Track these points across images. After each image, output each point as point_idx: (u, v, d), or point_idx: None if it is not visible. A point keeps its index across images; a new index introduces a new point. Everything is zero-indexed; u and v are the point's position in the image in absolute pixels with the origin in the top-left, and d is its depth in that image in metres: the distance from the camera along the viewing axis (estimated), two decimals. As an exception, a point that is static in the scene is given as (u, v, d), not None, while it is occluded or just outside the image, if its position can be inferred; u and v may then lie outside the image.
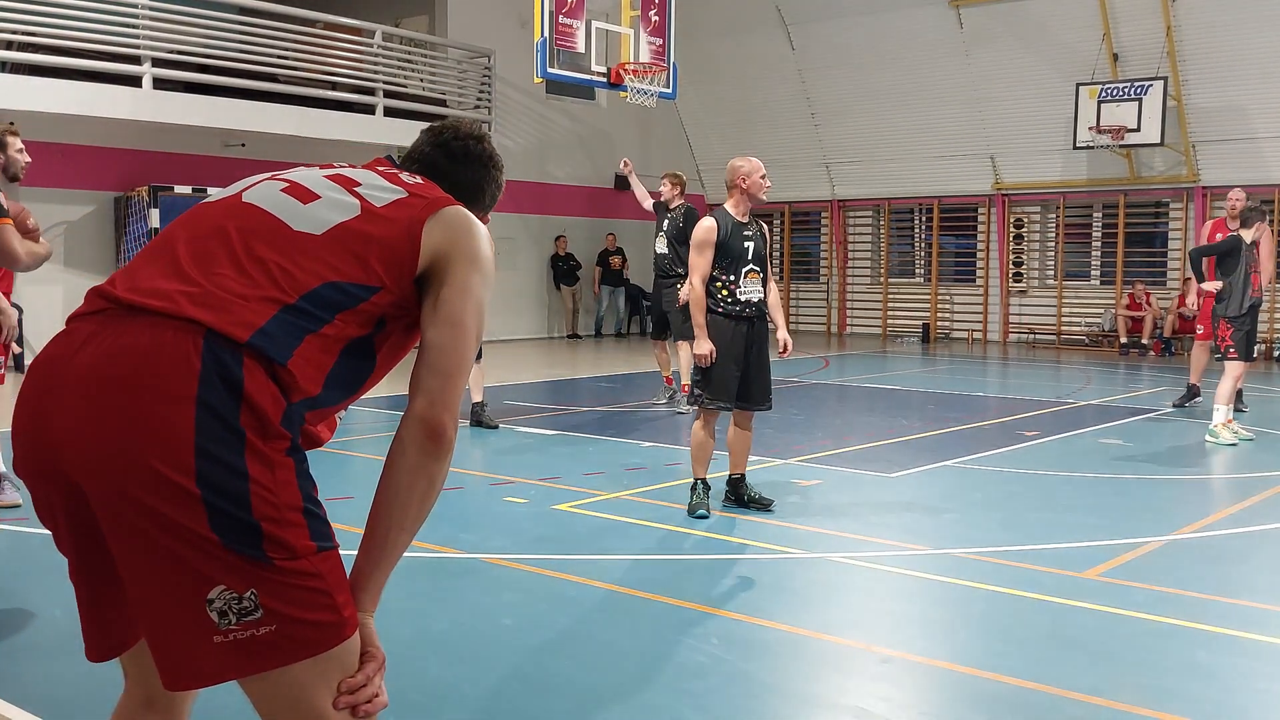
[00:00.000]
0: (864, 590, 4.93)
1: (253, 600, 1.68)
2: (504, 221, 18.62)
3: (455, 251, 1.95)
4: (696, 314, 5.98)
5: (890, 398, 11.77)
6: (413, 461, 1.85)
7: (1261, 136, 16.72)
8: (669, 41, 13.15)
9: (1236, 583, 4.97)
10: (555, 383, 13.33)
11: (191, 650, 1.70)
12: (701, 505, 5.99)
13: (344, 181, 2.00)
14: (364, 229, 1.91)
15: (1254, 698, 3.63)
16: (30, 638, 4.14)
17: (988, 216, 19.79)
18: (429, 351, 1.90)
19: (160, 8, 13.41)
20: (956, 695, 3.68)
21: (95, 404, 1.68)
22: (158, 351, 1.69)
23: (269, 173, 2.08)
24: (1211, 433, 8.67)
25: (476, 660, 3.91)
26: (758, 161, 6.14)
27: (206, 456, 1.65)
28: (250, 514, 1.67)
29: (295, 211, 1.92)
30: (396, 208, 1.95)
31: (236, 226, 1.88)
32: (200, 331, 1.71)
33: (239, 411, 1.69)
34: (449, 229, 1.96)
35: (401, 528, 1.87)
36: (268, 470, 1.70)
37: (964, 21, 18.43)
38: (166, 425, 1.65)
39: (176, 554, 1.66)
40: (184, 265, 1.82)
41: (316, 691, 1.76)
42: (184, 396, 1.66)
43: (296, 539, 1.72)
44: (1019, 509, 6.42)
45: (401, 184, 2.02)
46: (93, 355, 1.72)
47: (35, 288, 13.99)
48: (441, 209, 1.98)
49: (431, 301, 1.92)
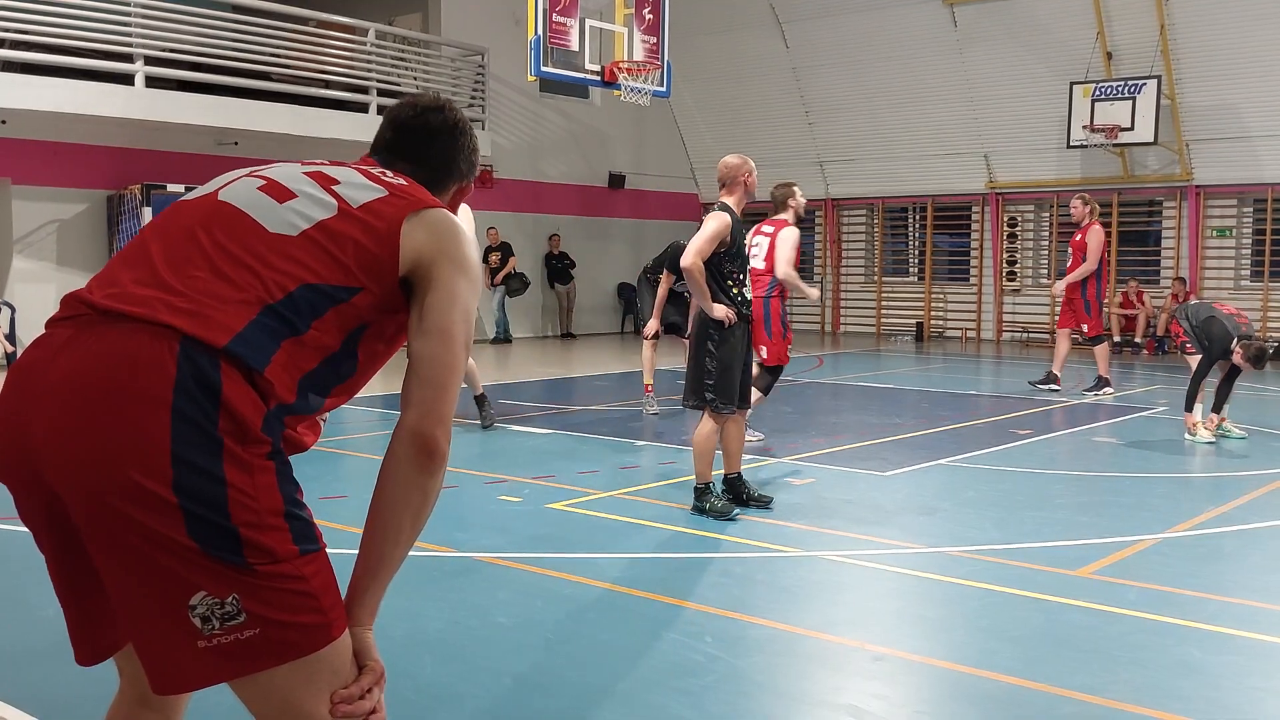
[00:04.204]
0: (858, 588, 4.94)
1: (235, 605, 1.67)
2: (498, 220, 18.61)
3: (439, 256, 1.89)
4: (702, 284, 5.96)
5: (884, 396, 11.78)
6: (406, 476, 1.83)
7: (1255, 135, 16.76)
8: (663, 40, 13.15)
9: (1229, 581, 4.99)
10: (549, 382, 13.33)
11: (176, 656, 1.69)
12: (729, 506, 5.98)
13: (322, 179, 1.95)
14: (340, 229, 1.86)
15: (1246, 695, 3.64)
16: (27, 638, 4.13)
17: (981, 215, 19.82)
18: (417, 363, 1.86)
19: (153, 6, 13.39)
20: (950, 693, 3.69)
21: (72, 412, 1.67)
22: (134, 358, 1.67)
23: (248, 169, 2.04)
24: (1190, 430, 8.75)
25: (471, 659, 3.91)
26: (750, 160, 6.21)
27: (183, 464, 1.64)
28: (228, 520, 1.66)
29: (271, 211, 1.87)
30: (375, 207, 1.90)
31: (212, 228, 1.85)
32: (176, 337, 1.69)
33: (217, 418, 1.67)
34: (431, 232, 1.91)
35: (396, 542, 1.86)
36: (246, 475, 1.68)
37: (958, 20, 18.45)
38: (143, 433, 1.64)
39: (156, 562, 1.65)
40: (160, 269, 1.79)
41: (306, 695, 1.75)
42: (160, 403, 1.65)
43: (278, 544, 1.70)
44: (1012, 507, 6.43)
45: (382, 183, 1.97)
46: (69, 362, 1.70)
47: (27, 286, 13.97)
48: (422, 210, 1.93)
49: (417, 310, 1.88)
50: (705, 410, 6.05)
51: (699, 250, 5.94)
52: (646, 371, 10.11)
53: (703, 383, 6.02)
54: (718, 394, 5.98)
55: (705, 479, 6.04)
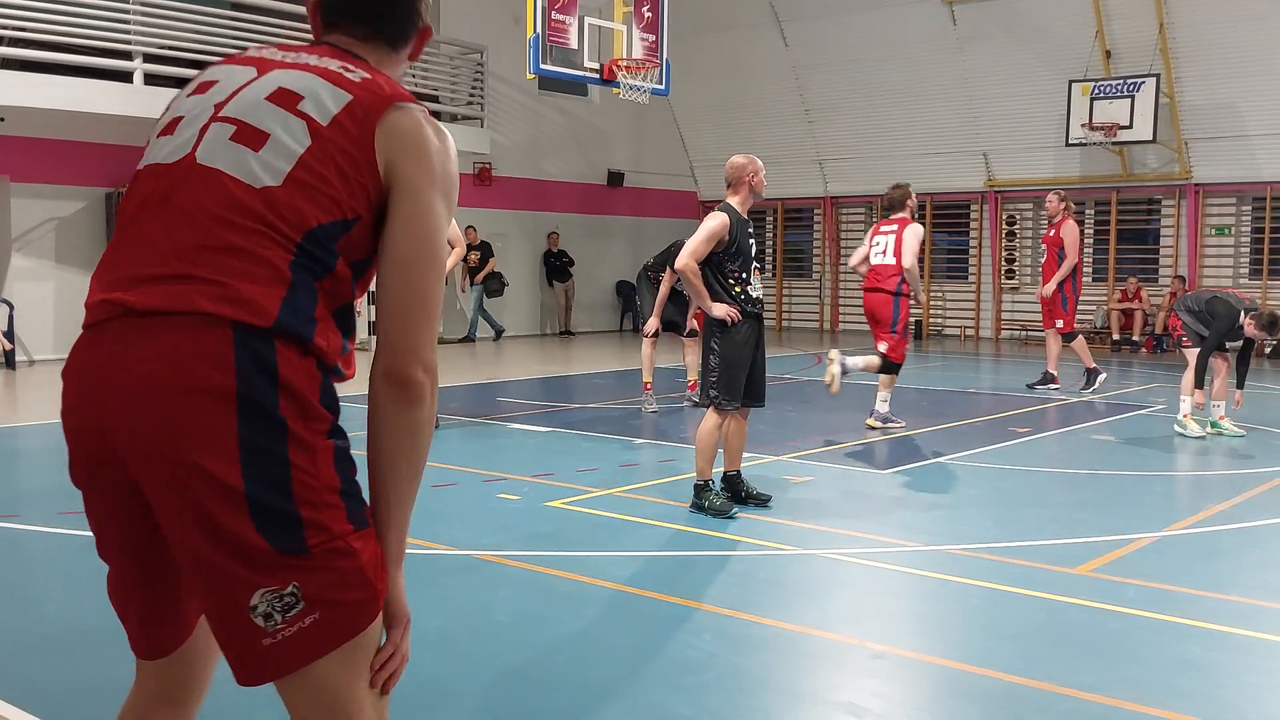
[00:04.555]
0: (856, 586, 4.94)
1: (295, 594, 1.71)
2: (497, 218, 18.61)
3: (405, 168, 1.82)
4: (697, 284, 5.99)
5: (883, 394, 11.76)
6: (389, 417, 1.80)
7: (1253, 134, 16.76)
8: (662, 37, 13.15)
9: (1228, 578, 4.99)
10: (548, 379, 13.33)
11: (246, 654, 1.75)
12: (728, 504, 5.99)
13: (288, 100, 1.84)
14: (321, 163, 1.79)
15: (1245, 693, 3.65)
16: (28, 637, 4.13)
17: (980, 213, 19.82)
18: (384, 296, 1.81)
19: (152, 3, 13.37)
20: (949, 691, 3.69)
21: (147, 413, 1.70)
22: (195, 353, 1.70)
23: (207, 94, 1.91)
24: (1180, 424, 8.82)
25: (470, 657, 3.91)
26: (758, 160, 6.20)
27: (250, 448, 1.68)
28: (292, 503, 1.70)
29: (252, 165, 1.80)
30: (344, 122, 1.82)
31: (204, 199, 1.80)
32: (227, 324, 1.71)
33: (278, 399, 1.71)
34: (400, 142, 1.83)
35: (397, 482, 1.84)
36: (308, 455, 1.72)
37: (957, 18, 18.45)
38: (212, 425, 1.68)
39: (217, 564, 1.70)
40: (178, 252, 1.77)
41: (346, 678, 1.79)
42: (225, 394, 1.68)
43: (334, 521, 1.74)
44: (1011, 505, 6.43)
45: (346, 82, 1.86)
46: (130, 365, 1.72)
47: (26, 284, 13.96)
48: (389, 113, 1.83)
49: (384, 237, 1.82)
50: (710, 407, 6.09)
51: (693, 251, 5.96)
52: (646, 369, 10.11)
53: (707, 379, 6.10)
54: (720, 390, 6.02)
55: (705, 476, 6.04)
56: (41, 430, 8.94)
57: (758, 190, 6.14)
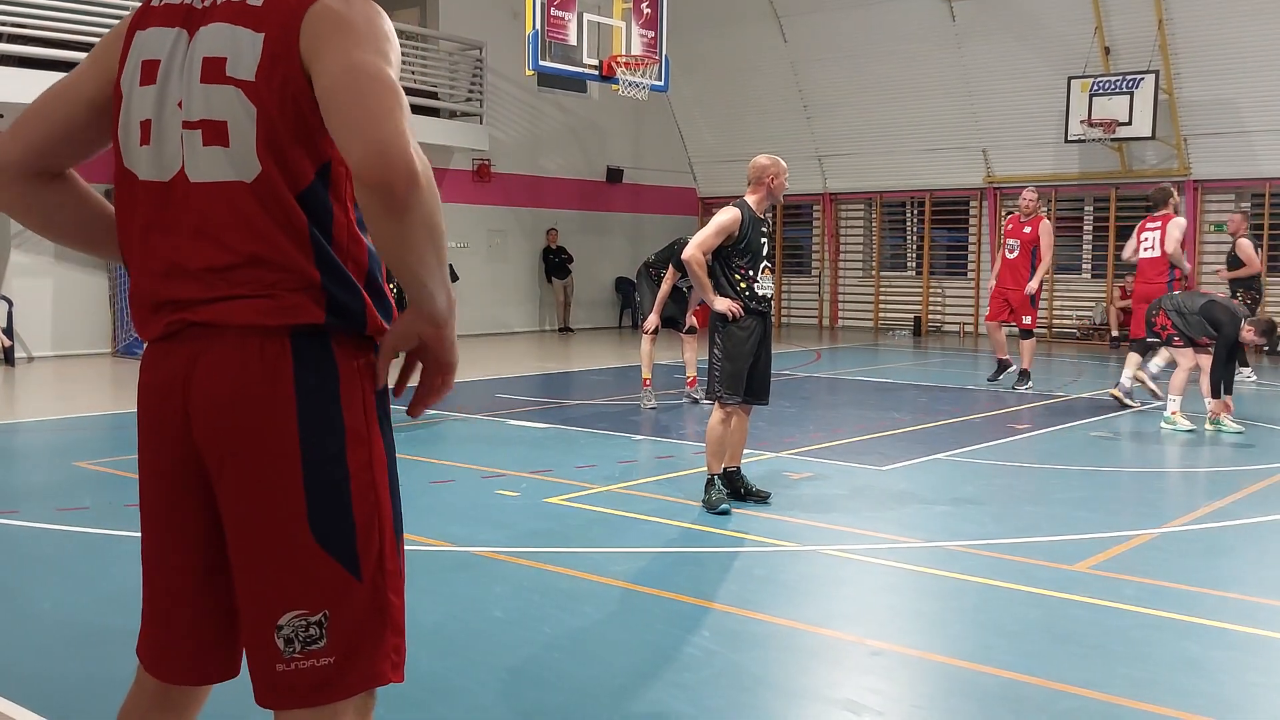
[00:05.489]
0: (856, 583, 4.93)
1: (320, 626, 1.73)
2: (495, 214, 18.60)
3: (322, 37, 1.72)
4: (702, 275, 5.98)
5: (882, 391, 11.78)
6: (387, 230, 1.64)
7: (1252, 130, 16.75)
8: (661, 34, 13.14)
9: (1228, 576, 4.99)
10: (547, 376, 13.32)
11: (259, 672, 1.78)
12: (722, 500, 5.99)
13: (217, 74, 1.76)
14: (269, 126, 1.73)
15: (1245, 690, 3.64)
16: (28, 635, 4.12)
17: (979, 209, 19.81)
18: (332, 106, 1.66)
19: (150, -1, 13.34)
20: (948, 688, 3.68)
21: (217, 424, 1.75)
22: (257, 366, 1.74)
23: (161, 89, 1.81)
24: (1168, 419, 8.86)
25: (468, 653, 3.90)
26: (784, 163, 6.20)
27: (311, 448, 1.73)
28: (350, 512, 1.75)
29: (233, 163, 1.76)
30: (267, 66, 1.73)
31: (218, 218, 1.78)
32: (286, 333, 1.75)
33: (338, 393, 1.76)
34: (314, 29, 1.73)
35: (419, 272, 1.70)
36: (365, 453, 1.78)
37: (956, 14, 18.43)
38: (276, 433, 1.73)
39: (266, 573, 1.74)
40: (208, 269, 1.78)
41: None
42: (285, 400, 1.73)
43: (385, 522, 1.80)
44: (1010, 502, 6.43)
45: (252, 14, 1.76)
46: (201, 381, 1.77)
47: (26, 280, 13.95)
48: (306, 21, 1.73)
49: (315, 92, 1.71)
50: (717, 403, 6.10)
51: (700, 242, 5.96)
52: (645, 366, 10.09)
53: (710, 373, 6.12)
54: (722, 385, 6.03)
55: (713, 471, 6.07)
56: (40, 426, 8.93)
57: (776, 193, 6.12)
